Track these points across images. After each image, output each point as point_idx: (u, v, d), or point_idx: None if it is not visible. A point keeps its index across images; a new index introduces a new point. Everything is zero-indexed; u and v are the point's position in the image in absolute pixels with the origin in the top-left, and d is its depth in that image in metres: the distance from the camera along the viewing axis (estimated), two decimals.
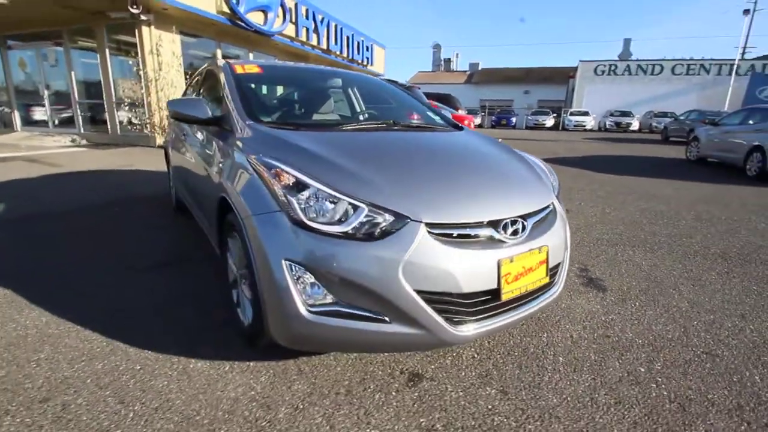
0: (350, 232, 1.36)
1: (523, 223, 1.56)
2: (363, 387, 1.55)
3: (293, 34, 11.67)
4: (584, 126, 24.62)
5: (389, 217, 1.38)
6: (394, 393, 1.52)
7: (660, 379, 1.64)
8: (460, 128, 2.57)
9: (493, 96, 36.82)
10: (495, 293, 1.46)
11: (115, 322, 1.97)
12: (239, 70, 2.45)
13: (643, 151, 12.39)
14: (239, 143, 1.82)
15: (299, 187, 1.45)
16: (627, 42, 41.56)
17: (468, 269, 1.39)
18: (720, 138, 8.56)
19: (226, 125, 2.05)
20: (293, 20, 11.42)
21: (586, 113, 25.32)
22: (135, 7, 7.39)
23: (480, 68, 44.73)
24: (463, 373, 1.65)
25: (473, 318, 1.45)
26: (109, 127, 9.25)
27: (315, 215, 1.39)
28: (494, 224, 1.50)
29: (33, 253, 2.86)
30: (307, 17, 12.04)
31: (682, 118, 17.45)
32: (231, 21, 9.28)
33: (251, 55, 11.42)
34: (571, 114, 25.63)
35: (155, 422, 1.35)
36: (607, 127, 24.13)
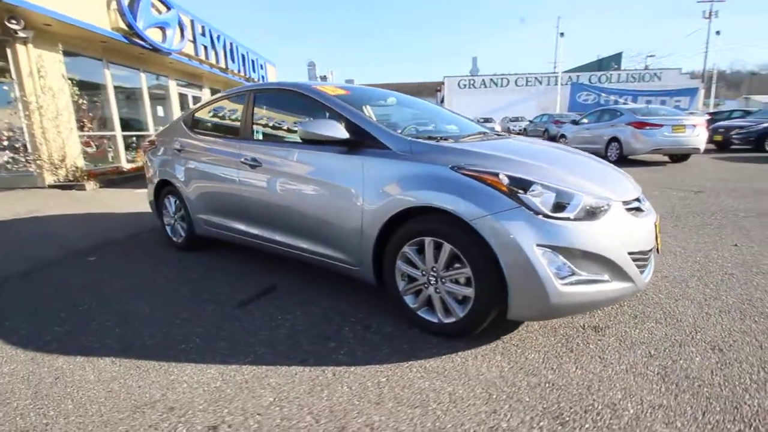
0: (577, 215, 1.71)
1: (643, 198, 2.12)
2: (575, 343, 1.90)
3: (192, 52, 10.80)
4: None
5: (598, 200, 1.77)
6: (598, 341, 1.91)
7: (725, 290, 2.37)
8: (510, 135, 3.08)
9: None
10: (654, 248, 1.97)
11: (294, 353, 1.89)
12: (332, 92, 2.51)
13: None
14: (416, 157, 1.99)
15: (525, 185, 1.73)
16: (474, 60, 48.78)
17: (646, 232, 1.88)
18: (583, 134, 10.98)
19: (370, 143, 2.15)
20: (191, 38, 10.59)
21: None
22: (14, 22, 6.03)
23: (356, 84, 46.91)
24: (621, 318, 2.12)
25: (646, 267, 1.93)
26: None
27: (546, 206, 1.70)
28: (637, 200, 2.01)
29: (82, 317, 2.35)
30: (203, 34, 11.27)
31: (536, 120, 21.41)
32: (127, 38, 8.20)
33: (143, 76, 10.16)
34: None
35: (466, 405, 1.48)
36: None
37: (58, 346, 2.05)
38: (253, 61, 15.41)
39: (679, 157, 9.39)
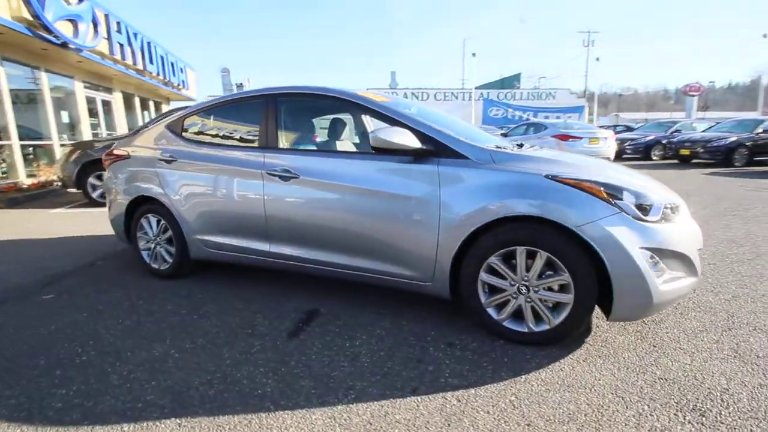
0: (660, 218, 1.84)
1: None
2: (650, 338, 2.03)
3: (107, 51, 9.44)
4: None
5: (670, 203, 1.92)
6: (666, 334, 2.06)
7: (721, 278, 2.74)
8: None
9: None
10: None
11: (396, 382, 1.72)
12: (380, 100, 2.38)
13: None
14: (500, 166, 1.96)
15: (618, 192, 1.81)
16: (393, 74, 50.44)
17: (699, 229, 2.09)
18: None
19: (443, 152, 2.07)
20: (106, 35, 9.27)
21: None
22: None
23: None
24: (666, 311, 2.32)
25: None
26: None
27: (634, 212, 1.80)
28: None
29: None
30: (119, 31, 9.94)
31: None
32: (31, 30, 6.87)
33: (44, 76, 8.60)
34: None
35: (611, 412, 1.48)
36: None
37: (85, 416, 1.58)
38: (172, 64, 14.03)
39: None
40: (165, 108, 16.84)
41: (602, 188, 1.81)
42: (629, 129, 18.76)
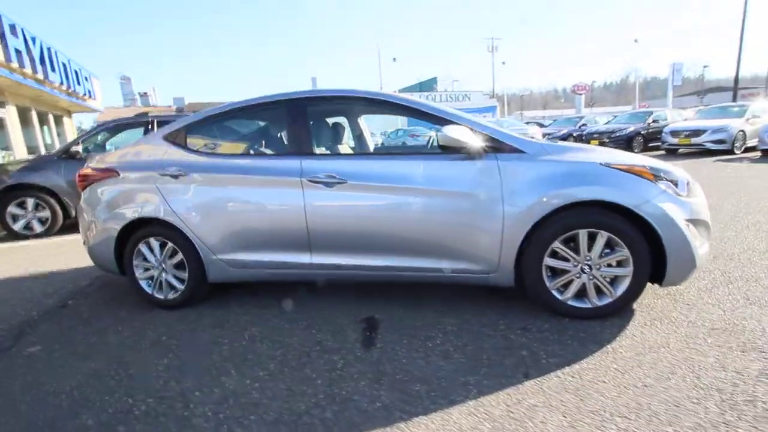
0: (688, 193, 2.15)
1: None
2: (683, 299, 2.34)
3: (1, 58, 7.99)
4: None
5: (688, 179, 2.24)
6: (686, 285, 2.40)
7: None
8: None
9: None
10: None
11: (504, 372, 1.78)
12: (418, 100, 2.41)
13: None
14: (555, 158, 2.12)
15: (658, 173, 2.08)
16: (314, 80, 49.82)
17: None
18: None
19: (499, 148, 2.17)
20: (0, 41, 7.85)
21: None
22: None
23: (187, 103, 42.10)
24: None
25: None
26: None
27: (674, 188, 2.08)
28: None
29: None
30: (15, 35, 8.47)
31: (392, 135, 23.44)
32: None
33: None
34: None
35: (696, 362, 1.70)
36: None
37: None
38: (76, 72, 12.33)
39: None
40: (67, 121, 14.73)
41: (649, 170, 2.07)
42: (541, 125, 20.89)
